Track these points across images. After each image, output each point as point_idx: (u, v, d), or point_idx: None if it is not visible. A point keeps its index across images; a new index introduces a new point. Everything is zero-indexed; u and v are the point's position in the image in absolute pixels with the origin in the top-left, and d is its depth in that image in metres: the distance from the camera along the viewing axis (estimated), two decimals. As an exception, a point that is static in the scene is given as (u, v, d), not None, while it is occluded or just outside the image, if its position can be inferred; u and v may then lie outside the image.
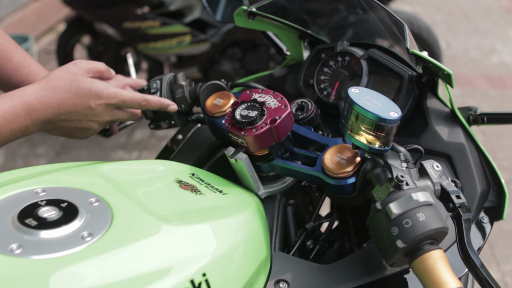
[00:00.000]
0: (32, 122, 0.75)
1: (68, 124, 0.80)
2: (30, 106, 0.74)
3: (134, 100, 0.83)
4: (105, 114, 0.82)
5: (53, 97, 0.76)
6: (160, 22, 3.00)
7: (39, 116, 0.75)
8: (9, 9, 4.25)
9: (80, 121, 0.80)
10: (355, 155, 0.69)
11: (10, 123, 0.72)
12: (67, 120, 0.79)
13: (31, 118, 0.75)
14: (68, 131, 0.81)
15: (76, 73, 0.80)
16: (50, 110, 0.76)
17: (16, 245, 0.49)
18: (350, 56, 0.93)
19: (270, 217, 0.82)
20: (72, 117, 0.79)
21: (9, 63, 0.90)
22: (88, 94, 0.79)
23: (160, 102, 0.86)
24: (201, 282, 0.53)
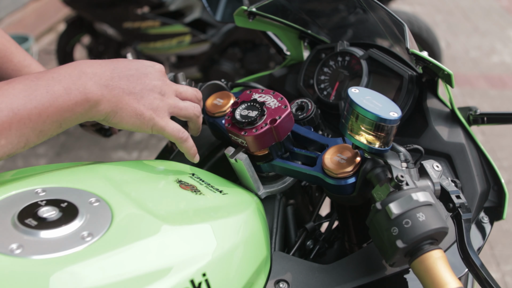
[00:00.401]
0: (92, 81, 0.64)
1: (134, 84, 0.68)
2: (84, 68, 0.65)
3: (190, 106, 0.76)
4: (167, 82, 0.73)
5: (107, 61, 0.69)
6: (160, 22, 3.00)
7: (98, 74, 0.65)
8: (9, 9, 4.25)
9: (143, 82, 0.69)
10: (355, 155, 0.69)
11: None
12: (131, 79, 0.68)
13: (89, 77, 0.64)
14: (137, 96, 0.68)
15: None
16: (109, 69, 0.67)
17: (16, 245, 0.49)
18: (350, 56, 0.93)
19: (270, 217, 0.82)
20: (134, 76, 0.69)
21: (10, 63, 0.90)
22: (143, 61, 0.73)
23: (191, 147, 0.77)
24: (201, 282, 0.53)
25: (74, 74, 0.63)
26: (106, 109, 0.65)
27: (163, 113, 0.71)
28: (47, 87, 0.60)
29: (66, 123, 0.62)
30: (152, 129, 0.70)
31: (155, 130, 0.70)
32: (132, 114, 0.68)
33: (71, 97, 0.61)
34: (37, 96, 0.58)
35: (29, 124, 0.58)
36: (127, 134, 3.24)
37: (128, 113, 0.67)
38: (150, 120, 0.69)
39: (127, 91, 0.67)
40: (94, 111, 0.64)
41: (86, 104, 0.63)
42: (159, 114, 0.70)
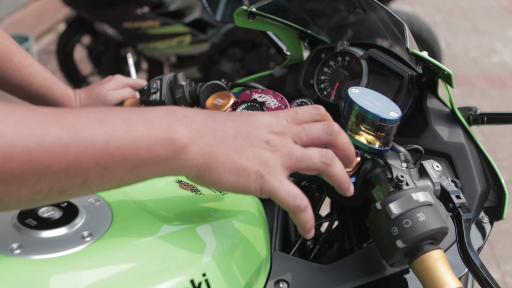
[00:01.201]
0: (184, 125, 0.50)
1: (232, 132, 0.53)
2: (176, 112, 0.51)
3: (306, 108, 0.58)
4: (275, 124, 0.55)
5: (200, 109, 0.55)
6: (160, 22, 3.00)
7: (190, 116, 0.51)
8: (9, 9, 4.25)
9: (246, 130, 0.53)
10: (355, 155, 0.69)
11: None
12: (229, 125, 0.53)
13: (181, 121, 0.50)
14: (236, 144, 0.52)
15: None
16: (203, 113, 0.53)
17: (16, 245, 0.49)
18: (350, 56, 0.93)
19: (270, 217, 0.82)
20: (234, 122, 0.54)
21: (10, 63, 0.90)
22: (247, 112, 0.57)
23: None
24: (201, 282, 0.53)
25: (161, 112, 0.50)
26: (197, 159, 0.50)
27: (276, 169, 0.52)
28: (125, 116, 0.48)
29: (141, 168, 0.48)
30: (261, 192, 0.52)
31: (264, 193, 0.52)
32: (232, 169, 0.51)
33: (152, 132, 0.48)
34: (109, 121, 0.46)
35: (91, 152, 0.44)
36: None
37: (226, 168, 0.51)
38: (258, 179, 0.52)
39: (224, 138, 0.52)
40: (181, 160, 0.49)
41: (170, 146, 0.48)
42: (270, 171, 0.52)
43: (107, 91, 1.01)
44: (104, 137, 0.45)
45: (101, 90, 1.01)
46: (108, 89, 1.01)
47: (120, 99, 1.02)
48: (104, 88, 1.01)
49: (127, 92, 1.03)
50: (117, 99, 1.01)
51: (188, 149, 0.49)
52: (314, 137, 0.55)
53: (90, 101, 1.00)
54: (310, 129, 0.55)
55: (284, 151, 0.53)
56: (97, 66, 3.41)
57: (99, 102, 1.00)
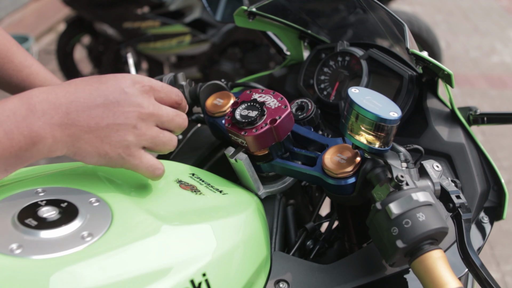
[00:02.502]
0: (41, 122, 0.54)
1: (97, 120, 0.56)
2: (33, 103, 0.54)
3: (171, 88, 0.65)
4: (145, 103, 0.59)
5: (67, 89, 0.57)
6: (160, 22, 3.01)
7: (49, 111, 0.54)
8: (9, 9, 4.25)
9: (113, 114, 0.57)
10: (355, 155, 0.69)
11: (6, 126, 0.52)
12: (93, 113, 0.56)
13: (38, 115, 0.54)
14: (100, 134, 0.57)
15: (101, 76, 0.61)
16: (65, 102, 0.55)
17: (16, 245, 0.49)
18: (350, 56, 0.93)
19: (270, 217, 0.82)
20: (100, 107, 0.57)
21: (11, 64, 0.90)
22: (116, 79, 0.60)
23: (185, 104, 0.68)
24: (201, 282, 0.53)
25: (20, 113, 0.53)
26: (60, 149, 0.56)
27: (136, 149, 0.59)
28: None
29: (12, 167, 0.54)
30: (122, 167, 0.60)
31: (126, 168, 0.60)
32: (94, 154, 0.57)
33: (13, 143, 0.52)
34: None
35: None
36: (127, 134, 3.23)
37: (89, 153, 0.57)
38: (119, 160, 0.58)
39: (86, 128, 0.56)
40: (45, 152, 0.55)
41: (33, 148, 0.54)
42: (131, 152, 0.59)
43: None
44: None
45: None
46: None
47: None
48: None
49: None
50: None
51: (50, 145, 0.55)
52: (172, 126, 0.63)
53: None
54: (173, 121, 0.63)
55: (148, 134, 0.60)
56: (97, 66, 3.41)
57: None
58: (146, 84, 0.61)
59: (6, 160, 0.53)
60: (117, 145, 0.58)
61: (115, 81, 0.59)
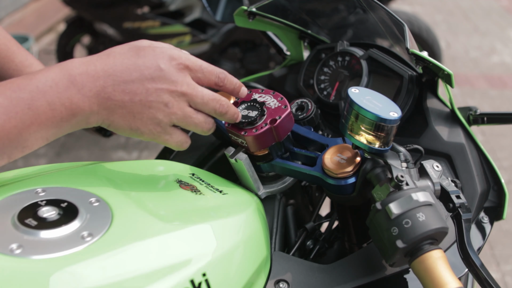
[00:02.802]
0: (81, 94, 0.56)
1: (130, 96, 0.58)
2: (73, 74, 0.56)
3: (212, 69, 0.66)
4: (179, 81, 0.60)
5: (106, 62, 0.58)
6: (160, 22, 3.00)
7: (88, 84, 0.56)
8: (9, 9, 4.25)
9: (146, 90, 0.59)
10: (355, 155, 0.69)
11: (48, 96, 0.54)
12: (128, 88, 0.58)
13: (78, 88, 0.56)
14: (133, 109, 0.59)
15: (139, 44, 0.62)
16: (103, 75, 0.57)
17: (16, 245, 0.49)
18: (350, 56, 0.93)
19: (270, 217, 0.82)
20: (134, 83, 0.58)
21: (11, 63, 0.90)
22: (155, 54, 0.60)
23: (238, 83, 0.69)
24: (201, 282, 0.53)
25: (62, 84, 0.56)
26: (97, 121, 0.59)
27: (166, 127, 0.62)
28: (30, 102, 0.54)
29: (53, 136, 0.57)
30: (153, 141, 0.64)
31: (157, 142, 0.64)
32: (126, 128, 0.61)
33: (55, 113, 0.55)
34: (17, 113, 0.53)
35: (8, 143, 0.53)
36: (127, 134, 3.23)
37: (121, 127, 0.60)
38: (149, 135, 0.62)
39: (121, 103, 0.58)
40: (83, 123, 0.59)
41: (73, 119, 0.57)
42: (161, 129, 0.62)
43: None
44: (16, 131, 0.53)
45: None
46: None
47: None
48: None
49: None
50: None
51: (88, 116, 0.58)
52: (204, 107, 0.64)
53: None
54: (207, 104, 0.64)
55: (179, 114, 0.62)
56: (97, 66, 3.40)
57: None
58: (183, 62, 0.62)
59: (48, 130, 0.56)
60: (148, 122, 0.60)
61: (153, 56, 0.60)
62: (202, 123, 0.64)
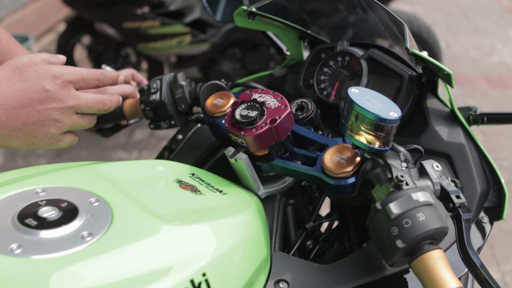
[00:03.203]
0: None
1: (23, 120, 0.65)
2: None
3: (91, 75, 0.73)
4: (65, 97, 0.68)
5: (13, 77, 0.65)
6: (160, 22, 3.00)
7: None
8: (9, 9, 4.25)
9: (37, 112, 0.66)
10: (355, 155, 0.69)
11: None
12: (20, 114, 0.65)
13: None
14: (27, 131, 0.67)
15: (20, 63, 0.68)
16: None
17: (16, 245, 0.49)
18: (350, 56, 0.93)
19: (270, 217, 0.82)
20: (25, 107, 0.65)
21: None
22: (38, 75, 0.66)
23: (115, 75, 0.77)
24: (201, 282, 0.53)
25: None
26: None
27: (58, 136, 0.72)
28: None
29: None
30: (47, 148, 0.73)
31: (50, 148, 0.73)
32: (22, 146, 0.69)
33: None
34: None
35: None
36: (127, 134, 3.24)
37: (18, 146, 0.69)
38: (45, 146, 0.71)
39: (15, 128, 0.66)
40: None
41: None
42: (55, 140, 0.72)
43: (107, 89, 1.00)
44: None
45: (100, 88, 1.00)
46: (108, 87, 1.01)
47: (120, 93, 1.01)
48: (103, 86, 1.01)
49: (126, 87, 1.03)
50: (116, 91, 1.01)
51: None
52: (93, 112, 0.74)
53: None
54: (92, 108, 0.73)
55: (68, 124, 0.71)
56: (97, 66, 3.41)
57: None
58: (66, 79, 0.69)
59: None
60: (43, 137, 0.69)
61: (36, 78, 0.67)
62: (88, 122, 0.75)
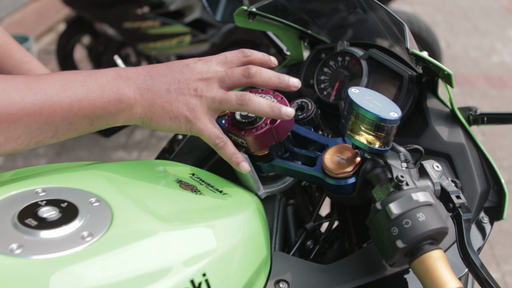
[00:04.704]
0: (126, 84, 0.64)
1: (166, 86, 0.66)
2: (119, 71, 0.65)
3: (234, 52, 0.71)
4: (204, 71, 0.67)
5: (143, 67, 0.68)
6: (160, 22, 3.00)
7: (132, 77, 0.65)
8: (9, 9, 4.25)
9: (178, 81, 0.66)
10: (355, 155, 0.69)
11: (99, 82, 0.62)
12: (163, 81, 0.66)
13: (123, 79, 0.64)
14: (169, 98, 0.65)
15: None
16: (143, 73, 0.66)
17: (16, 245, 0.49)
18: (350, 56, 0.93)
19: (270, 217, 0.82)
20: (167, 76, 0.66)
21: (10, 59, 0.90)
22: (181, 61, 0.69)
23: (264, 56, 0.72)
24: (201, 282, 0.53)
25: (111, 76, 0.64)
26: (140, 113, 0.65)
27: (201, 113, 0.67)
28: (83, 82, 0.61)
29: (98, 121, 0.63)
30: (191, 132, 0.68)
31: (194, 133, 0.68)
32: (166, 118, 0.66)
33: (104, 95, 0.62)
34: (71, 87, 0.59)
35: (60, 113, 0.58)
36: (127, 134, 3.24)
37: (162, 118, 0.66)
38: (187, 122, 0.67)
39: (159, 93, 0.65)
40: (127, 114, 0.65)
41: (119, 104, 0.63)
42: (197, 115, 0.66)
43: None
44: (68, 101, 0.59)
45: None
46: None
47: None
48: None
49: None
50: None
51: (133, 106, 0.64)
52: (235, 80, 0.68)
53: None
54: (232, 74, 0.68)
55: (209, 96, 0.67)
56: (97, 66, 3.41)
57: None
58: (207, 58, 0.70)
59: (95, 110, 0.61)
60: (184, 108, 0.66)
61: (182, 61, 0.69)
62: (233, 98, 0.67)
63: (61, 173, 0.64)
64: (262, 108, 0.67)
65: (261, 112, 0.67)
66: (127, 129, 3.27)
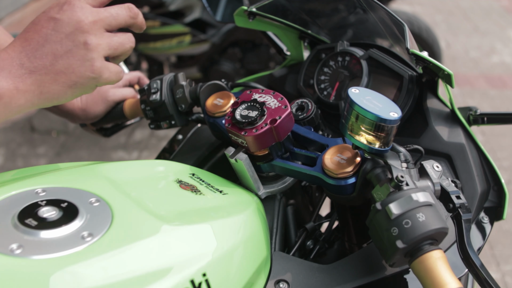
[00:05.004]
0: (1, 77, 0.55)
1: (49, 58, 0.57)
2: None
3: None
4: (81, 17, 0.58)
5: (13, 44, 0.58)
6: (160, 22, 3.00)
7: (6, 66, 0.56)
8: (9, 9, 4.25)
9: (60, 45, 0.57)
10: (355, 155, 0.69)
11: None
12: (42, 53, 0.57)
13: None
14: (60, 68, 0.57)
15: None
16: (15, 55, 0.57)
17: (16, 245, 0.49)
18: (350, 56, 0.93)
19: (270, 217, 0.82)
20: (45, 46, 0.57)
21: None
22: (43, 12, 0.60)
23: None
24: (201, 282, 0.53)
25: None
26: (30, 100, 0.57)
27: (100, 61, 0.60)
28: None
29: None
30: (97, 86, 0.62)
31: (100, 85, 0.62)
32: (65, 90, 0.59)
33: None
34: None
35: None
36: (127, 134, 3.24)
37: (60, 92, 0.58)
38: (91, 81, 0.60)
39: (44, 70, 0.57)
40: (13, 106, 0.56)
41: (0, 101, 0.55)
42: (97, 68, 0.59)
43: (108, 89, 1.01)
44: None
45: (102, 87, 1.01)
46: (109, 86, 1.01)
47: (121, 98, 1.02)
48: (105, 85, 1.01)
49: (128, 91, 1.03)
50: (118, 97, 1.02)
51: (17, 98, 0.56)
52: (122, 21, 0.63)
53: (91, 98, 1.00)
54: (119, 16, 0.63)
55: (103, 43, 0.60)
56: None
57: (99, 99, 1.00)
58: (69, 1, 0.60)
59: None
60: (81, 69, 0.58)
61: (44, 15, 0.59)
62: (125, 39, 0.65)
63: (61, 173, 0.64)
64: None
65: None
66: (127, 129, 3.27)
